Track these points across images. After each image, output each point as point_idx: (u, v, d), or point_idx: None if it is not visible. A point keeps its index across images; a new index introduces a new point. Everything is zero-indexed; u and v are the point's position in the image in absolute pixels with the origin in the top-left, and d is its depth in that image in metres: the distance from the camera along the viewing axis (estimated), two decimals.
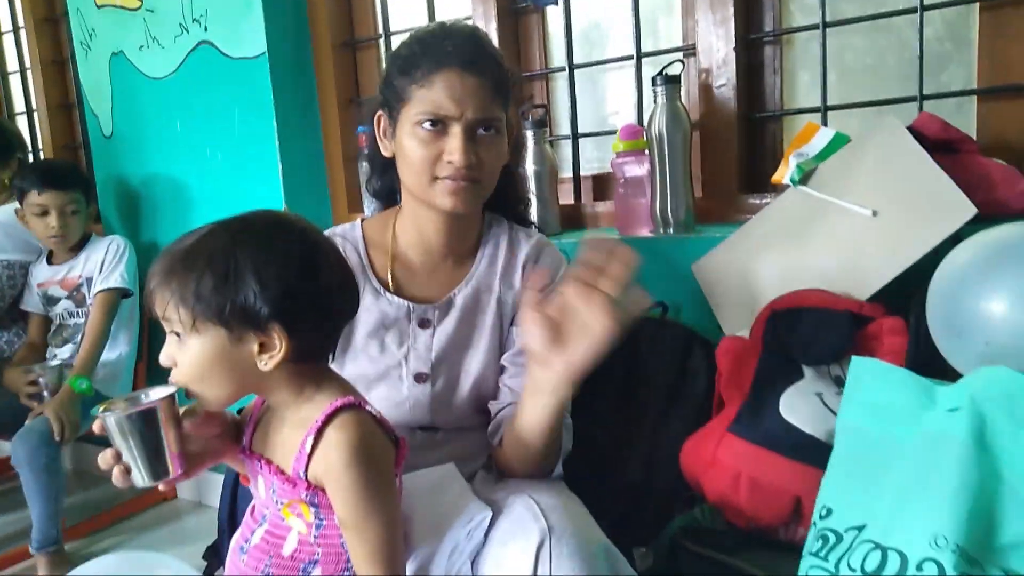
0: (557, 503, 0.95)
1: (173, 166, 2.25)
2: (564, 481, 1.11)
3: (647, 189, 1.49)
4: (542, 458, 1.05)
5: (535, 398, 0.98)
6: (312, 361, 0.86)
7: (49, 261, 2.21)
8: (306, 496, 0.82)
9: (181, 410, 0.84)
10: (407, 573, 0.91)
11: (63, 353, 2.15)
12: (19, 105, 3.02)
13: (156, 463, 0.81)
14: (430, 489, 1.03)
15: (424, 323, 1.14)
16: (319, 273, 0.82)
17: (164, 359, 0.83)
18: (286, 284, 0.79)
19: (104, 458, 0.82)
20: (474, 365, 1.14)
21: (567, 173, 1.76)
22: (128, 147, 2.34)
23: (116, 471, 0.81)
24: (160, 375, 0.87)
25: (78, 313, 2.16)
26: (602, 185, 1.76)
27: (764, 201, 1.44)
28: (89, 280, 2.15)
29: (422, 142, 1.05)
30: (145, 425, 0.80)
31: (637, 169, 1.49)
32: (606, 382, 1.33)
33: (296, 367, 0.83)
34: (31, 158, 2.76)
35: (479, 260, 1.18)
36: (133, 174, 2.36)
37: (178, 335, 0.81)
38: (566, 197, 1.75)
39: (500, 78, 1.07)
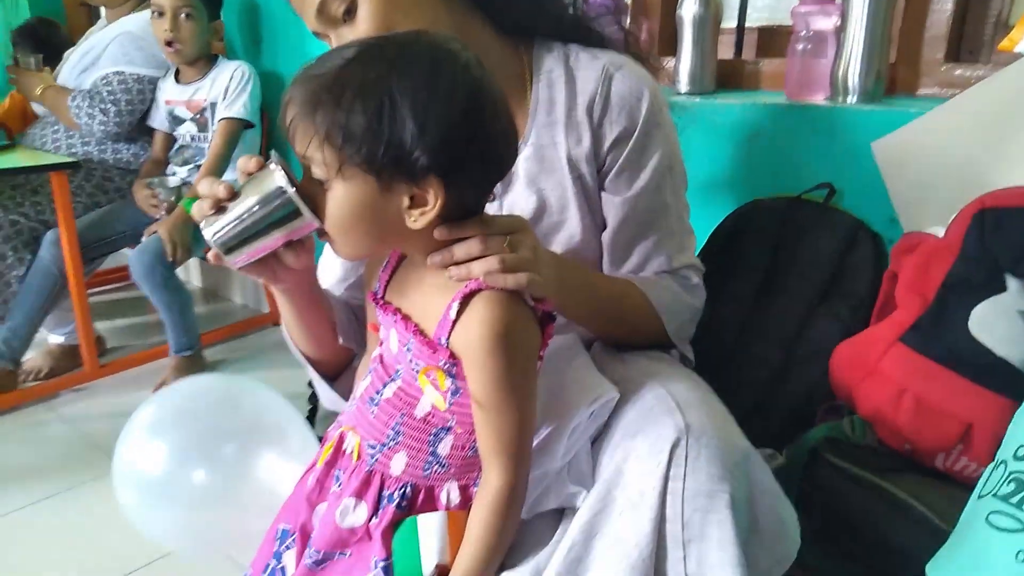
0: (695, 399, 0.84)
1: None
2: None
3: (830, 47, 1.27)
4: (630, 337, 0.99)
5: None
6: (464, 218, 0.74)
7: (177, 79, 2.17)
8: (444, 364, 0.74)
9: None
10: None
11: (183, 172, 2.16)
12: None
13: (241, 239, 0.72)
14: (551, 359, 0.95)
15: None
16: (485, 117, 0.68)
17: None
18: (448, 130, 0.65)
19: (211, 184, 0.74)
20: (558, 239, 1.00)
21: (729, 23, 1.53)
22: None
23: (205, 205, 0.74)
24: None
25: (200, 137, 2.15)
26: (769, 39, 1.53)
27: (976, 74, 1.19)
28: (213, 105, 2.12)
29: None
30: (285, 215, 0.70)
31: (822, 22, 1.26)
32: (749, 267, 1.19)
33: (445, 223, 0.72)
34: None
35: (532, 112, 0.96)
36: None
37: (320, 179, 0.69)
38: (725, 51, 1.53)
39: None
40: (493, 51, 0.96)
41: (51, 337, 2.17)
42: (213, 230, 0.73)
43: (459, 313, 0.72)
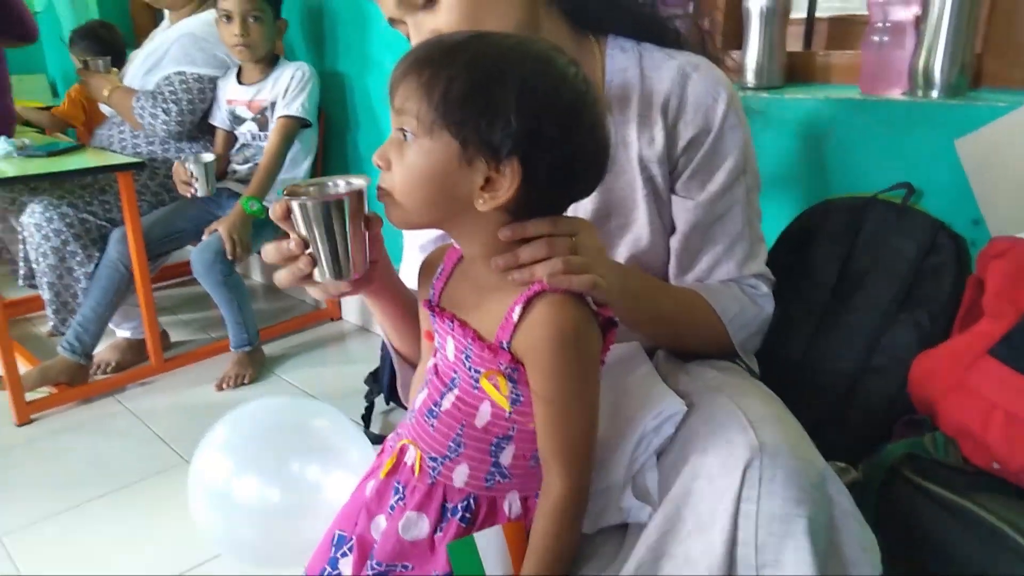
0: (768, 414, 0.80)
1: None
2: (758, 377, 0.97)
3: (908, 39, 1.20)
4: (695, 347, 0.97)
5: None
6: (528, 218, 0.73)
7: (239, 80, 2.20)
8: (505, 368, 0.72)
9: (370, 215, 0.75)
10: None
11: (243, 169, 2.20)
12: None
13: (338, 260, 0.73)
14: (612, 366, 0.92)
15: None
16: (583, 126, 0.69)
17: (378, 158, 0.71)
18: (544, 122, 0.66)
19: (277, 248, 0.74)
20: (624, 241, 0.97)
21: (799, 13, 1.47)
22: None
23: (300, 264, 0.74)
24: None
25: (261, 136, 2.18)
26: (840, 30, 1.46)
27: None
28: (274, 104, 2.14)
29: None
30: (332, 216, 0.70)
31: (902, 12, 1.20)
32: (821, 270, 1.14)
33: (507, 219, 0.71)
34: None
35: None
36: None
37: (405, 135, 0.69)
38: (794, 43, 1.47)
39: None
40: (567, 46, 0.93)
41: (118, 332, 2.23)
42: (321, 276, 0.74)
43: (521, 316, 0.70)
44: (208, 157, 2.03)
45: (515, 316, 0.70)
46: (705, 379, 0.91)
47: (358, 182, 0.73)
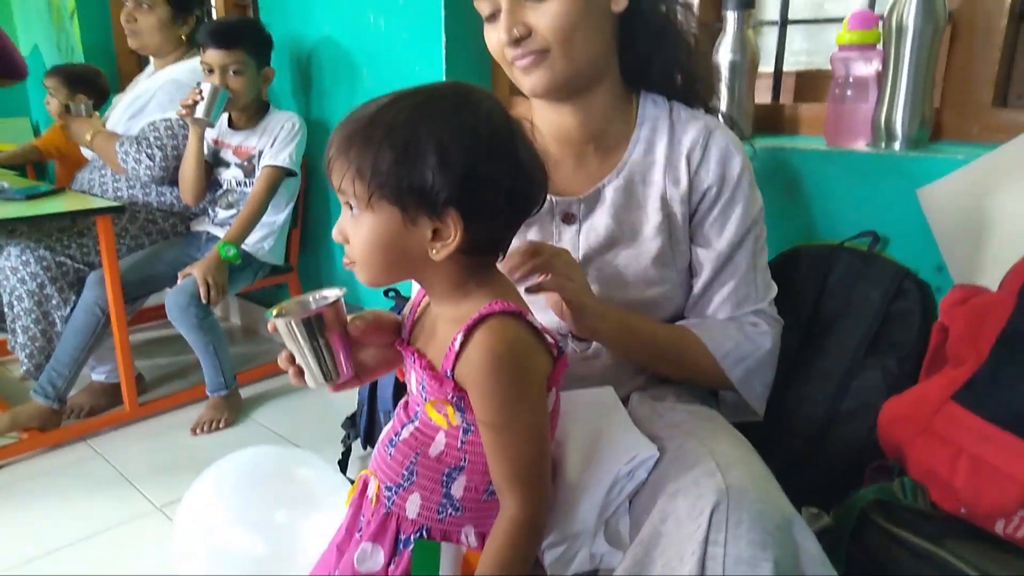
0: (736, 457, 0.82)
1: (334, 29, 2.18)
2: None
3: (871, 93, 1.25)
4: (692, 380, 1.06)
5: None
6: (483, 256, 0.77)
7: (230, 124, 2.22)
8: (452, 397, 0.75)
9: (350, 317, 0.82)
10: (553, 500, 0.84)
11: (226, 215, 2.20)
12: None
13: (324, 366, 0.81)
14: (586, 411, 0.93)
15: (568, 218, 1.03)
16: (506, 157, 0.72)
17: (336, 234, 0.77)
18: (468, 166, 0.70)
19: (280, 359, 0.84)
20: (631, 269, 1.02)
21: (766, 67, 1.52)
22: (293, 6, 2.29)
23: (290, 372, 0.84)
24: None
25: (246, 183, 2.18)
26: (807, 84, 1.51)
27: None
28: (261, 153, 2.16)
29: (488, 30, 0.99)
30: (313, 329, 0.79)
31: (863, 67, 1.24)
32: (793, 315, 1.16)
33: (466, 260, 0.75)
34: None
35: (632, 147, 1.05)
36: (296, 36, 2.31)
37: (352, 209, 0.75)
38: (762, 95, 1.51)
39: None
40: (615, 89, 1.05)
41: (93, 375, 2.20)
42: (312, 382, 0.83)
43: (463, 344, 0.73)
44: (223, 92, 2.01)
45: (456, 344, 0.73)
46: (678, 424, 0.93)
47: (334, 294, 0.82)
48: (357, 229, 0.74)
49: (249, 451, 1.16)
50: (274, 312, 0.81)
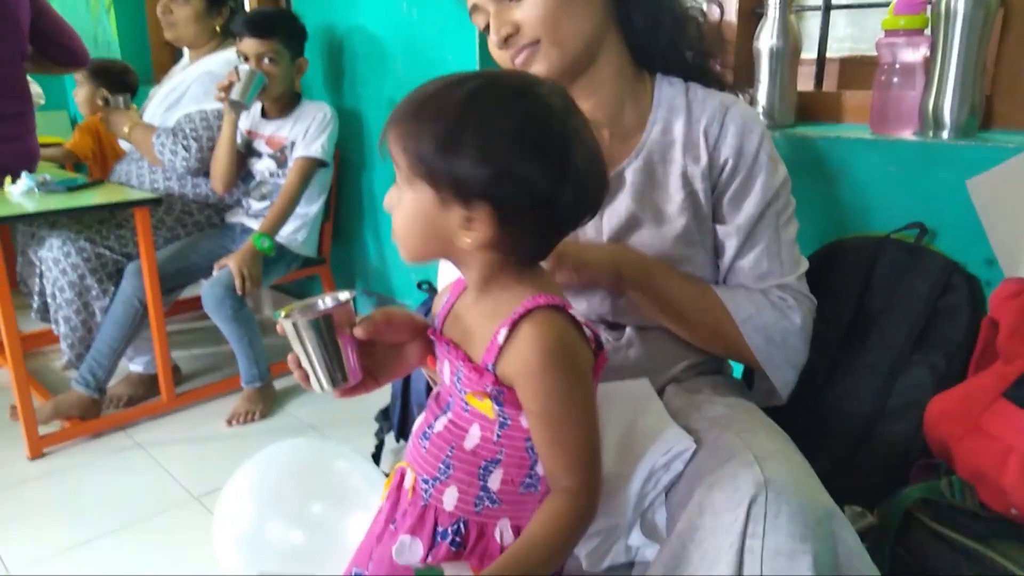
0: (774, 449, 0.81)
1: (368, 19, 2.18)
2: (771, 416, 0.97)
3: (918, 80, 1.21)
4: (712, 343, 1.03)
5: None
6: (520, 258, 0.75)
7: (263, 114, 2.24)
8: (491, 390, 0.74)
9: (359, 318, 0.81)
10: None
11: (260, 206, 2.22)
12: None
13: (331, 370, 0.79)
14: (622, 404, 0.92)
15: None
16: (553, 162, 0.69)
17: (386, 202, 0.78)
18: (506, 165, 0.68)
19: (289, 361, 0.82)
20: (655, 249, 1.01)
21: (809, 54, 1.48)
22: None
23: (296, 375, 0.81)
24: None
25: (279, 173, 2.20)
26: (851, 70, 1.47)
27: None
28: (293, 144, 2.17)
29: (489, 41, 1.01)
30: (320, 331, 0.77)
31: (910, 53, 1.21)
32: (836, 311, 1.13)
33: (500, 256, 0.74)
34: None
35: (649, 128, 1.04)
36: (328, 26, 2.32)
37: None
38: (805, 82, 1.48)
39: None
40: (625, 70, 1.05)
41: (131, 366, 2.24)
42: (318, 386, 0.81)
43: (507, 339, 0.72)
44: (260, 76, 2.03)
45: (500, 339, 0.72)
46: (715, 415, 0.92)
47: (344, 296, 0.80)
48: (400, 202, 0.75)
49: (286, 444, 1.17)
50: (282, 313, 0.79)
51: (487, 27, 1.00)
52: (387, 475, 0.89)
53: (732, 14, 1.52)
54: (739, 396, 1.03)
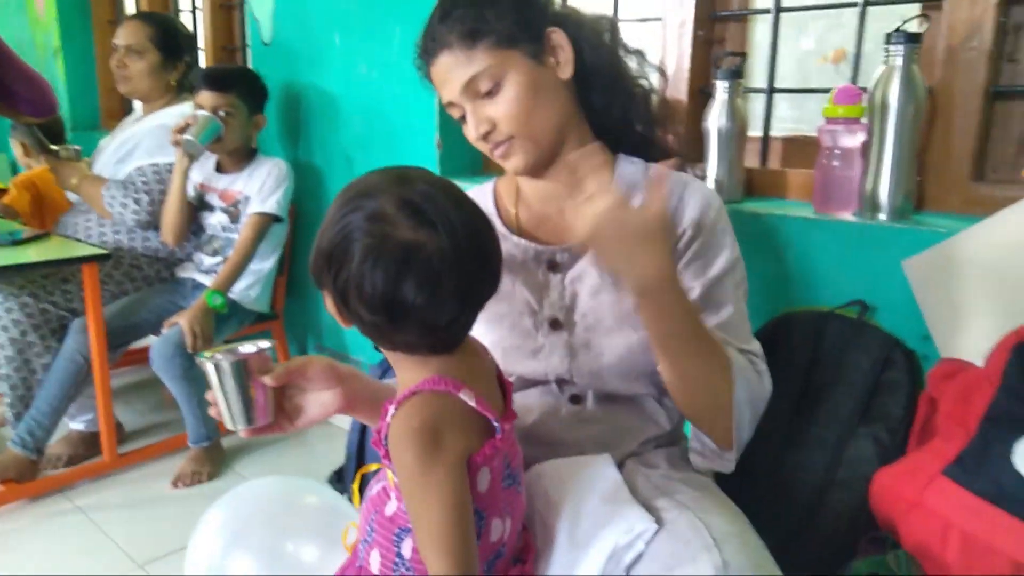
0: (731, 531, 0.84)
1: (326, 79, 2.21)
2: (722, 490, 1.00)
3: (856, 163, 1.29)
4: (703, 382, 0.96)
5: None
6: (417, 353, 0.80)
7: (217, 168, 2.22)
8: (386, 462, 0.79)
9: (276, 366, 0.88)
10: (543, 572, 0.87)
11: (212, 262, 2.19)
12: (185, 1, 3.07)
13: (242, 411, 0.86)
14: (582, 479, 0.94)
15: (553, 266, 1.07)
16: (417, 288, 0.73)
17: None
18: (385, 297, 0.74)
19: (207, 397, 0.89)
20: (617, 313, 1.03)
21: (755, 131, 1.56)
22: (284, 56, 2.32)
23: (212, 412, 0.89)
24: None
25: (232, 228, 2.18)
26: (794, 149, 1.55)
27: (1004, 194, 1.20)
28: (247, 199, 2.16)
29: (464, 128, 1.07)
30: (235, 375, 0.85)
31: (849, 139, 1.29)
32: (786, 381, 1.18)
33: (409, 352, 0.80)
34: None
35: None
36: (287, 84, 2.33)
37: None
38: (751, 159, 1.56)
39: (473, 21, 1.00)
40: (588, 143, 1.11)
41: (71, 424, 2.16)
42: (230, 424, 0.88)
43: (394, 416, 0.76)
44: (215, 121, 2.03)
45: (389, 416, 0.76)
46: (675, 494, 0.94)
47: (264, 344, 0.89)
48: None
49: (253, 484, 1.18)
50: (206, 355, 0.86)
51: (463, 117, 1.05)
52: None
53: (682, 93, 1.60)
54: (693, 471, 1.05)
